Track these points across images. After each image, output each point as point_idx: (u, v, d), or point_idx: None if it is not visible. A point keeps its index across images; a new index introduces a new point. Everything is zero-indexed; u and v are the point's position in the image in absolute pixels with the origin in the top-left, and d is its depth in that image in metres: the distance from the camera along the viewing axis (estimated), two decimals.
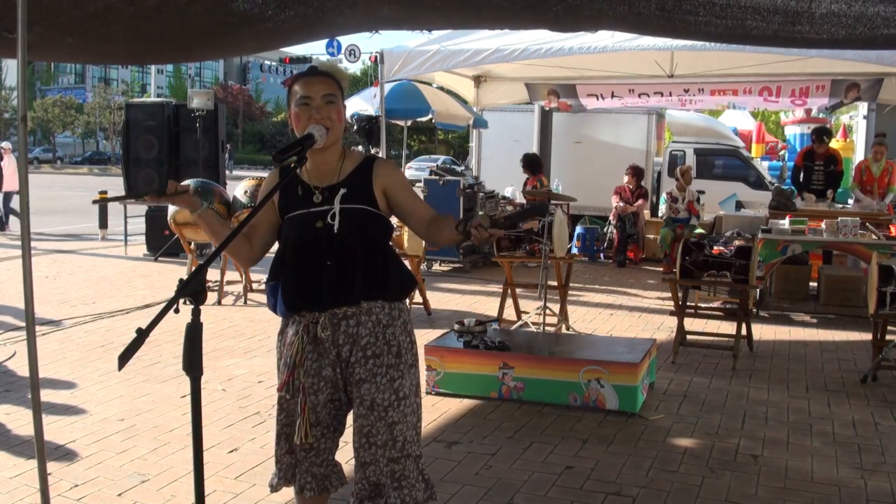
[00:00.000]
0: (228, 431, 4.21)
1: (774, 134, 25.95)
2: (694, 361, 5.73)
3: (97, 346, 5.96)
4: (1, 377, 5.17)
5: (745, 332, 5.92)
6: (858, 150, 14.99)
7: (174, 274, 9.05)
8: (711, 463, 3.86)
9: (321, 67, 2.47)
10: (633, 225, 10.67)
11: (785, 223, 7.39)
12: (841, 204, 9.41)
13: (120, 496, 3.41)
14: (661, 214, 10.60)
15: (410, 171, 23.32)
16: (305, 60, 14.86)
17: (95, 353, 5.76)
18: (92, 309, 7.22)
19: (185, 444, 3.96)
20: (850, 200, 9.93)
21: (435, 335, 5.43)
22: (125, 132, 10.83)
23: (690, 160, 12.66)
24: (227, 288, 7.93)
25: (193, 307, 1.87)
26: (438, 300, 7.77)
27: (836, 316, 7.32)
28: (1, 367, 5.41)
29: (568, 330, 6.41)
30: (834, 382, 5.29)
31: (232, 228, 2.35)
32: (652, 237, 10.82)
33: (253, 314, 7.12)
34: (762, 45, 4.40)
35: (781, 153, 20.87)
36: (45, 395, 4.45)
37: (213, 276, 7.47)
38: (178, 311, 1.87)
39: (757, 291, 7.07)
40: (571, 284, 6.91)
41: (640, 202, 10.77)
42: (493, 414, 4.56)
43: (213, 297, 7.56)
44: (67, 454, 3.87)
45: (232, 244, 2.23)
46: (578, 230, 11.20)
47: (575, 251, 10.64)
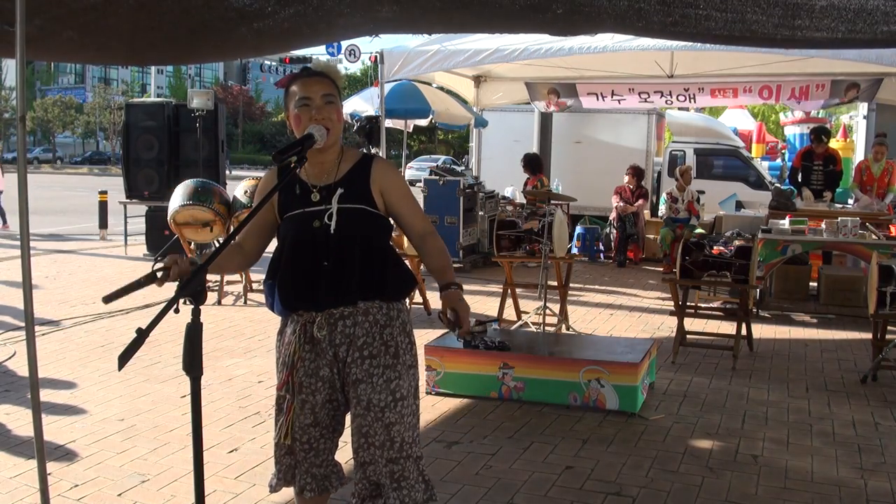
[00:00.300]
0: (228, 431, 4.21)
1: (774, 134, 25.94)
2: (694, 361, 5.73)
3: (97, 346, 5.96)
4: (1, 377, 5.18)
5: (745, 332, 5.92)
6: (858, 150, 14.99)
7: None
8: (711, 463, 3.86)
9: (316, 68, 2.45)
10: (633, 225, 10.67)
11: (785, 223, 7.39)
12: (841, 204, 9.41)
13: (120, 496, 3.41)
14: (661, 214, 10.59)
15: (411, 171, 23.29)
16: (306, 60, 14.87)
17: (95, 353, 5.76)
18: (92, 309, 7.21)
19: (185, 444, 3.96)
20: (850, 200, 9.93)
21: (435, 335, 5.43)
22: (125, 132, 10.81)
23: (690, 160, 12.66)
24: (227, 288, 7.94)
25: (193, 307, 1.87)
26: (439, 300, 7.73)
27: (836, 316, 7.32)
28: (1, 367, 5.41)
29: (568, 330, 6.41)
30: (834, 382, 5.29)
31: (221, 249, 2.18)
32: (652, 237, 10.82)
33: (253, 314, 7.13)
34: (762, 45, 4.38)
35: (781, 153, 20.88)
36: (44, 395, 4.46)
37: (212, 276, 7.47)
38: (178, 311, 1.87)
39: (757, 291, 7.07)
40: (571, 284, 6.91)
41: (640, 202, 10.77)
42: (493, 414, 4.56)
43: (213, 297, 7.57)
44: (67, 454, 3.87)
45: (221, 261, 2.22)
46: (578, 230, 11.19)
47: (575, 251, 10.64)
